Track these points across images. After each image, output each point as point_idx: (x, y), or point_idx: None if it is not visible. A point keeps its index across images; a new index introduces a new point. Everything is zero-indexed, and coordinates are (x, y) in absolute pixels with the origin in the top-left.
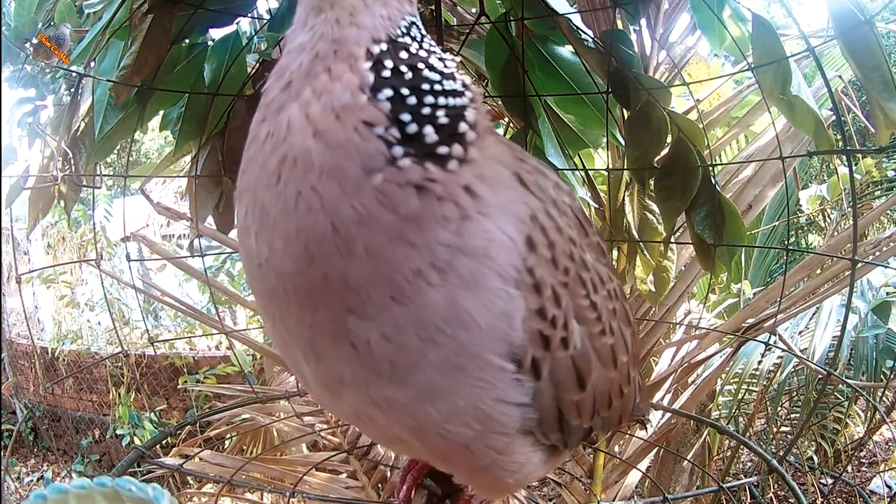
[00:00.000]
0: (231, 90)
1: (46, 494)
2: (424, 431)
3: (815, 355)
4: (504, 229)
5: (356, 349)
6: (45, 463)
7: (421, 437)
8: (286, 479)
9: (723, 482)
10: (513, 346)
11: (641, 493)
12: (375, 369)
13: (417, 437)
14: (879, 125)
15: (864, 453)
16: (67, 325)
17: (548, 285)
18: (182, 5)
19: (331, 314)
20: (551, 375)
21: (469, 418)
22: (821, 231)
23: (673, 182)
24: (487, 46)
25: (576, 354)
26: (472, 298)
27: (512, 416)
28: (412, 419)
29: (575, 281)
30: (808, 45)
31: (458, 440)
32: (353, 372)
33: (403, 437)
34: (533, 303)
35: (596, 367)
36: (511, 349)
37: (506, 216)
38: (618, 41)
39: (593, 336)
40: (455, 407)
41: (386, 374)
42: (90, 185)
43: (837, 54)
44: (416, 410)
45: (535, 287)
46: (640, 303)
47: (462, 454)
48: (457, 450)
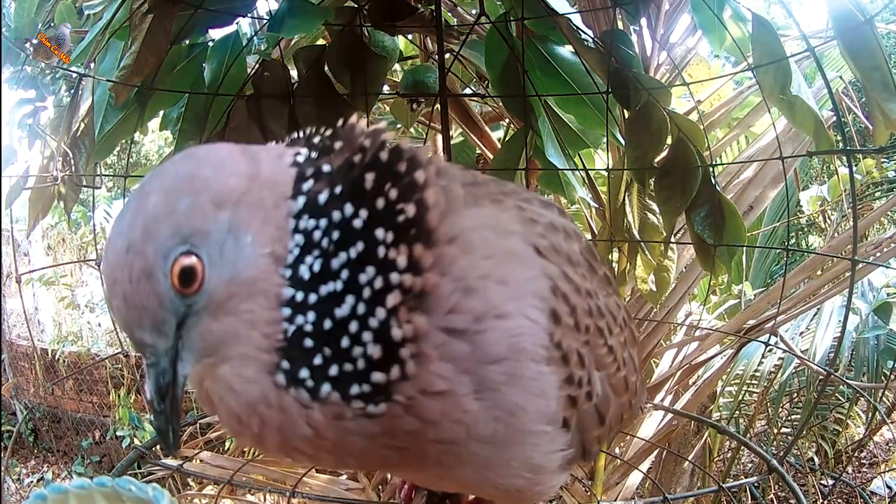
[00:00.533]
0: (231, 90)
1: (46, 494)
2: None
3: (815, 356)
4: (527, 315)
5: (429, 474)
6: (45, 464)
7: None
8: (286, 481)
9: (723, 483)
10: (549, 415)
11: (642, 493)
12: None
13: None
14: (879, 125)
15: (864, 454)
16: (68, 326)
17: (573, 351)
18: (182, 5)
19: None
20: (578, 424)
21: (521, 471)
22: (821, 232)
23: (673, 182)
24: (487, 46)
25: (598, 401)
26: (515, 391)
27: (555, 460)
28: (472, 483)
29: (594, 334)
30: (808, 46)
31: (510, 487)
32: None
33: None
34: (563, 373)
35: (613, 401)
36: (548, 417)
37: (525, 300)
38: (618, 41)
39: (610, 376)
40: (509, 468)
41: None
42: (90, 186)
43: (838, 55)
44: (476, 478)
45: (564, 358)
46: (641, 303)
47: (509, 494)
48: (505, 493)
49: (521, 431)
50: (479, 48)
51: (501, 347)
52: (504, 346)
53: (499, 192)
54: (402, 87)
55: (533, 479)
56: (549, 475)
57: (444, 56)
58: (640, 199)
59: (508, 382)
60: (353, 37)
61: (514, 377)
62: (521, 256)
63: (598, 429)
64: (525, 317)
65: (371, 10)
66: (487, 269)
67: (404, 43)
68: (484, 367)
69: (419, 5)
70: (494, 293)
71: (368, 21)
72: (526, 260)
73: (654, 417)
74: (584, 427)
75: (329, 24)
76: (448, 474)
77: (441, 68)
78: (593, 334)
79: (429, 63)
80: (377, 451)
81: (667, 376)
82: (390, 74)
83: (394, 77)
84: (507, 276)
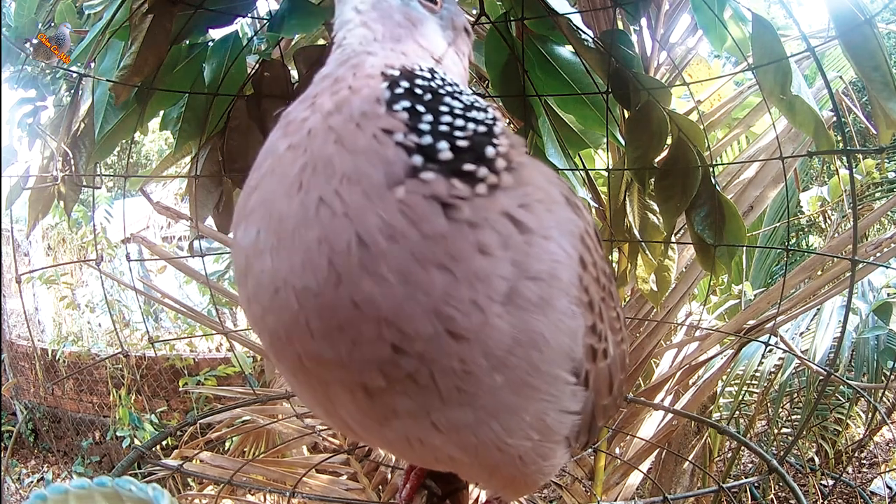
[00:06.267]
0: (231, 90)
1: (46, 494)
2: (483, 448)
3: (815, 356)
4: (565, 248)
5: (417, 383)
6: (45, 464)
7: (477, 453)
8: (286, 481)
9: (723, 483)
10: (575, 361)
11: (642, 494)
12: (440, 398)
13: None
14: (881, 125)
15: (864, 454)
16: (68, 326)
17: (596, 302)
18: (182, 5)
19: (373, 349)
20: (594, 383)
21: (531, 431)
22: (821, 232)
23: (673, 182)
24: (487, 46)
25: (610, 363)
26: (545, 320)
27: (566, 425)
28: (473, 437)
29: (608, 295)
30: (808, 46)
31: (515, 453)
32: (413, 402)
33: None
34: (589, 319)
35: (618, 372)
36: (574, 364)
37: (564, 236)
38: (618, 41)
39: (617, 343)
40: (520, 422)
41: (453, 401)
42: (90, 186)
43: (838, 55)
44: (479, 429)
45: (590, 304)
46: (641, 303)
47: (512, 465)
48: (509, 461)
49: (541, 372)
50: (479, 48)
51: (542, 266)
52: (545, 266)
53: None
54: None
55: (539, 446)
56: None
57: None
58: (641, 199)
59: (539, 306)
60: None
61: (545, 302)
62: (561, 203)
63: (608, 396)
64: (563, 248)
65: None
66: (541, 196)
67: None
68: (521, 279)
69: None
70: (545, 217)
71: None
72: (565, 206)
73: (655, 417)
74: (598, 388)
75: (329, 24)
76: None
77: None
78: (607, 294)
79: None
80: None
81: (667, 376)
82: None
83: None
84: (554, 210)
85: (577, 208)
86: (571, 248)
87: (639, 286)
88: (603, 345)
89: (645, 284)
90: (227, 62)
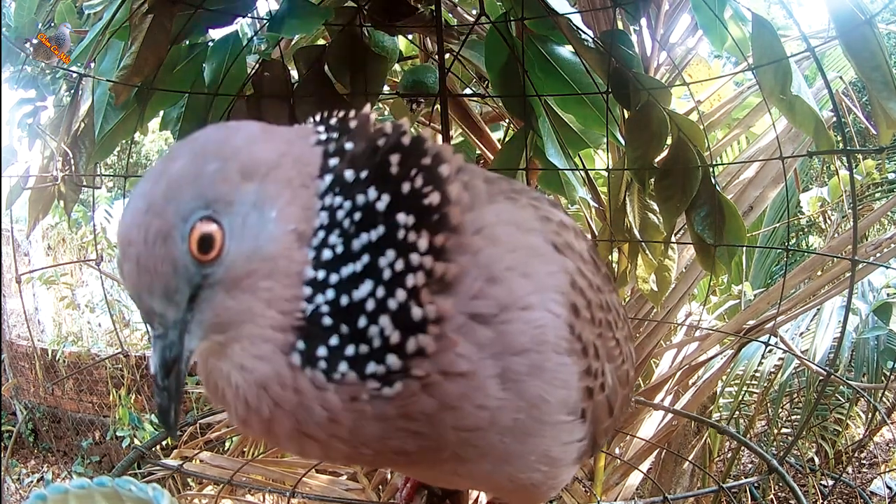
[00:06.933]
0: (231, 90)
1: (46, 494)
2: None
3: (815, 356)
4: (550, 309)
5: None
6: (45, 464)
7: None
8: (286, 481)
9: (723, 483)
10: (571, 405)
11: (642, 494)
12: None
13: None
14: (881, 125)
15: (864, 454)
16: (68, 326)
17: (591, 344)
18: (182, 5)
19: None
20: (592, 414)
21: (539, 465)
22: (821, 233)
23: (673, 182)
24: (487, 47)
25: (609, 393)
26: (539, 382)
27: (571, 452)
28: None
29: (605, 328)
30: (808, 46)
31: (527, 482)
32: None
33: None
34: (582, 364)
35: (619, 393)
36: (570, 408)
37: (547, 294)
38: (618, 41)
39: (617, 368)
40: (528, 461)
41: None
42: (90, 186)
43: (838, 55)
44: (494, 471)
45: (584, 350)
46: (641, 303)
47: (524, 489)
48: (521, 487)
49: (543, 423)
50: (479, 48)
51: (525, 339)
52: (528, 338)
53: (511, 189)
54: (402, 87)
55: (549, 473)
56: (564, 468)
57: (444, 56)
58: (641, 198)
59: (531, 374)
60: (353, 37)
61: (537, 368)
62: (542, 252)
63: (608, 420)
64: (548, 310)
65: (371, 9)
66: (512, 261)
67: (404, 43)
68: (508, 357)
69: (419, 5)
70: (519, 285)
71: (368, 21)
72: (546, 255)
73: (654, 417)
74: (597, 418)
75: (329, 24)
76: (464, 469)
77: (441, 68)
78: (604, 328)
79: (429, 63)
80: (393, 438)
81: (667, 376)
82: (390, 74)
83: (394, 77)
84: (531, 270)
85: (565, 247)
86: (557, 305)
87: (639, 286)
88: (600, 380)
89: (645, 284)
90: (227, 62)
